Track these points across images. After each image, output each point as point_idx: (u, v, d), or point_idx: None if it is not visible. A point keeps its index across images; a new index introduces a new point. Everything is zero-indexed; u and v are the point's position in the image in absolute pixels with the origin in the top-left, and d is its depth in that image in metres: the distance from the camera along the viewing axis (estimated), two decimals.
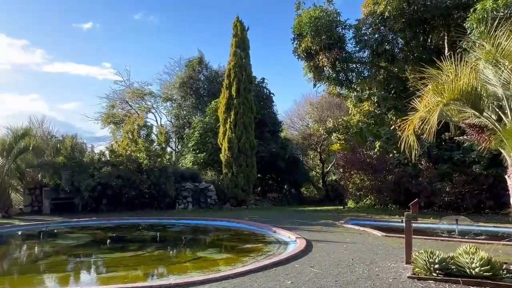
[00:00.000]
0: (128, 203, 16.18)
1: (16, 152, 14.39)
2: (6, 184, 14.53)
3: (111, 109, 28.95)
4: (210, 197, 17.84)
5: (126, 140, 17.28)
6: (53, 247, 9.52)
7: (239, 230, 11.60)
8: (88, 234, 11.27)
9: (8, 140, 14.77)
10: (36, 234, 11.10)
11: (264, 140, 21.72)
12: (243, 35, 19.18)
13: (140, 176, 16.26)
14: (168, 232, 11.73)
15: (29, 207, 15.66)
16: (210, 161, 21.15)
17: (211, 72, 28.66)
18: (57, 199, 15.58)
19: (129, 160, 16.51)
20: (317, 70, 17.80)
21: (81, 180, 15.04)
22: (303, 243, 8.18)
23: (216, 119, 20.94)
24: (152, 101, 30.16)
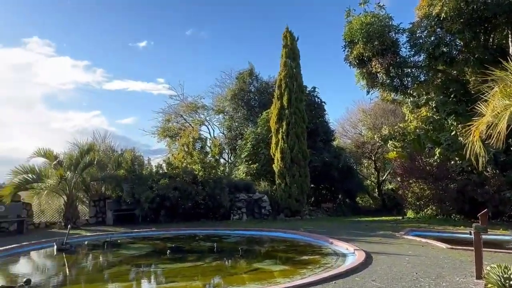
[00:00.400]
0: (184, 214, 16.62)
1: (82, 166, 15.32)
2: (74, 197, 15.47)
3: (166, 123, 30.08)
4: (264, 208, 17.87)
5: (182, 152, 17.82)
6: (117, 257, 9.94)
7: (294, 241, 11.49)
8: (148, 245, 11.67)
9: (75, 155, 15.76)
10: (101, 244, 11.67)
11: (316, 149, 21.48)
12: (293, 45, 19.22)
13: (196, 187, 16.65)
14: (225, 243, 11.87)
15: (94, 218, 16.54)
16: (262, 172, 21.23)
17: (261, 83, 28.94)
18: (119, 210, 16.33)
19: (185, 172, 16.99)
20: (370, 77, 17.37)
21: (141, 192, 15.66)
22: (362, 255, 7.93)
23: (267, 130, 21.05)
24: (205, 114, 30.99)
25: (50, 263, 9.83)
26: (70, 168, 15.33)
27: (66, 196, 15.19)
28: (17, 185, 14.05)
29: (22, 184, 14.29)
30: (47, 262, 10.02)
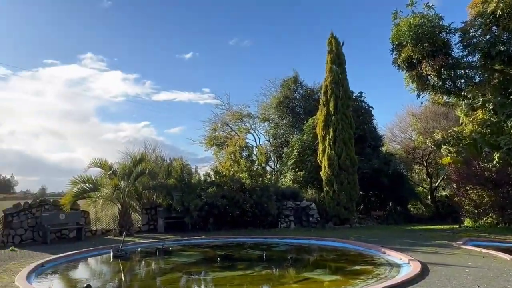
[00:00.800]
0: (232, 221, 16.78)
1: (135, 175, 15.92)
2: (127, 205, 16.08)
3: (213, 132, 30.67)
4: (312, 216, 17.64)
5: (229, 161, 18.05)
6: (169, 264, 10.19)
7: (345, 250, 11.23)
8: (199, 252, 11.86)
9: (128, 165, 16.42)
10: (153, 251, 12.02)
11: (365, 156, 20.96)
12: (338, 50, 18.97)
13: (243, 195, 16.78)
14: (273, 251, 11.82)
15: (146, 225, 17.07)
16: (309, 179, 21.01)
17: (306, 90, 28.78)
18: (169, 218, 16.75)
19: (232, 180, 17.17)
20: (420, 80, 16.71)
21: (190, 200, 15.99)
22: (417, 266, 7.61)
23: (314, 137, 20.84)
24: (250, 122, 31.27)
25: (107, 269, 10.26)
26: (123, 177, 15.98)
27: (120, 205, 15.83)
28: (75, 194, 14.83)
29: (80, 193, 15.06)
30: (104, 268, 10.48)
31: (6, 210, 13.58)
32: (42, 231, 13.80)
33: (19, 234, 13.59)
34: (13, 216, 13.58)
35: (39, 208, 14.30)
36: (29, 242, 13.63)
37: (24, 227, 13.77)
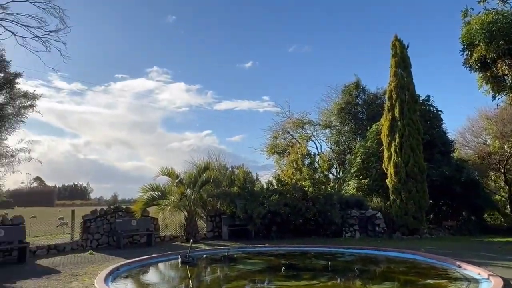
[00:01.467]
0: (295, 230, 16.67)
1: (200, 183, 16.43)
2: (193, 212, 16.61)
3: (274, 139, 30.78)
4: (378, 225, 17.01)
5: (291, 169, 18.00)
6: (234, 272, 10.33)
7: (415, 262, 10.68)
8: (263, 260, 11.90)
9: (193, 174, 16.99)
10: (218, 258, 12.27)
11: (434, 162, 19.86)
12: (402, 54, 18.26)
13: (306, 203, 16.63)
14: (338, 261, 11.55)
15: (211, 232, 17.50)
16: (374, 187, 20.33)
17: (368, 95, 28.01)
18: (233, 226, 17.04)
19: (294, 189, 17.10)
20: (496, 80, 15.57)
21: (253, 208, 16.16)
22: (499, 283, 7.04)
23: (378, 143, 20.17)
24: (311, 129, 30.99)
25: (175, 274, 10.62)
26: (189, 185, 16.55)
27: (186, 212, 16.39)
28: (145, 202, 15.60)
29: (150, 201, 15.83)
30: (173, 273, 10.85)
31: (85, 216, 14.62)
32: (116, 237, 14.66)
33: (96, 238, 14.56)
34: (91, 222, 14.59)
35: (113, 215, 15.23)
36: (105, 246, 14.55)
37: (100, 232, 14.73)
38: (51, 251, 13.10)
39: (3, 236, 11.37)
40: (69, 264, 10.75)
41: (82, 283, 8.21)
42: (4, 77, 9.90)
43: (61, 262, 11.23)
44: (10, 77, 10.00)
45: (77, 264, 10.73)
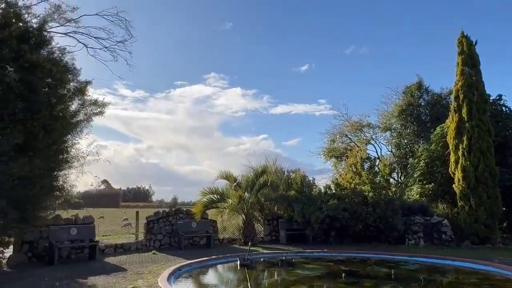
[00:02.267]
0: (354, 235, 16.20)
1: (257, 187, 16.53)
2: (251, 215, 16.73)
3: (331, 143, 30.19)
4: (444, 233, 16.03)
5: (350, 173, 17.55)
6: (292, 276, 10.21)
7: (488, 274, 9.91)
8: (322, 266, 11.67)
9: (250, 177, 17.12)
10: (276, 262, 12.22)
11: (507, 166, 18.37)
12: (470, 51, 17.14)
13: (366, 209, 16.10)
14: (402, 270, 11.02)
15: (268, 236, 17.51)
16: (439, 193, 19.22)
17: (432, 96, 26.58)
18: (290, 230, 16.91)
19: (353, 193, 16.64)
20: None
21: (311, 213, 15.93)
22: None
23: (443, 146, 19.07)
24: (370, 132, 29.98)
25: (234, 276, 10.72)
26: (247, 189, 16.70)
27: (244, 215, 16.55)
28: (205, 204, 15.98)
29: (209, 203, 16.19)
30: (231, 276, 10.97)
31: (149, 218, 15.27)
32: (177, 238, 15.13)
33: (159, 239, 15.13)
34: (154, 223, 15.19)
35: (174, 216, 15.75)
36: (167, 246, 15.07)
37: (162, 233, 15.29)
38: (118, 249, 13.81)
39: (75, 235, 12.15)
40: (134, 263, 11.25)
41: (146, 282, 8.53)
42: (76, 86, 10.58)
43: (127, 260, 11.79)
44: (81, 86, 10.66)
45: (142, 263, 11.20)
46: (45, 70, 8.67)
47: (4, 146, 7.17)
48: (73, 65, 10.36)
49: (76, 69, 10.27)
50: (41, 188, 8.29)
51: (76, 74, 10.44)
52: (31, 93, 8.02)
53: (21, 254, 11.51)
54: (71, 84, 10.24)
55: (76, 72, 10.36)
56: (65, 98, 9.81)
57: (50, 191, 9.51)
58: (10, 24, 8.08)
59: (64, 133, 9.85)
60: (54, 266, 10.74)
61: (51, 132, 8.74)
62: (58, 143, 9.12)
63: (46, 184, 8.65)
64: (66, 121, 10.01)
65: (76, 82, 10.61)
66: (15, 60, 7.88)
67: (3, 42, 7.57)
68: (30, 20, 9.09)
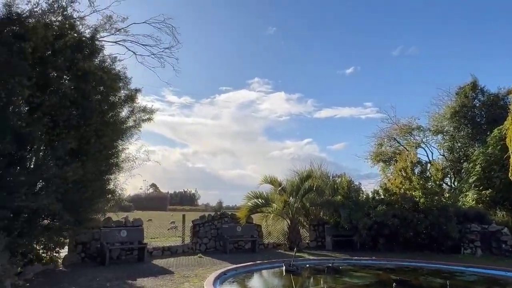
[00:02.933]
0: (405, 243, 15.54)
1: (302, 192, 16.30)
2: (296, 220, 16.51)
3: (379, 147, 29.23)
4: (504, 243, 14.94)
5: (399, 177, 16.84)
6: (340, 284, 9.91)
7: None
8: (370, 274, 11.24)
9: (295, 182, 16.92)
10: (322, 269, 11.94)
11: None
12: None
13: (417, 215, 15.39)
14: (458, 281, 10.37)
15: (314, 242, 17.19)
16: (498, 199, 18.02)
17: (488, 96, 25.05)
18: (337, 236, 16.50)
19: (403, 199, 15.97)
20: None
21: (358, 218, 15.46)
22: None
23: (501, 149, 17.87)
24: (421, 135, 28.70)
25: (279, 282, 10.57)
26: (291, 193, 16.51)
27: (289, 220, 16.35)
28: (250, 209, 15.97)
29: (254, 208, 16.15)
30: (276, 281, 10.81)
31: (195, 221, 15.48)
32: (223, 241, 15.21)
33: (204, 242, 15.29)
34: (200, 226, 15.38)
35: (219, 220, 15.87)
36: (212, 250, 15.20)
37: (208, 237, 15.44)
38: (165, 252, 14.10)
39: (125, 237, 12.54)
40: (181, 266, 11.41)
41: (192, 285, 8.60)
42: (126, 94, 10.92)
43: (174, 263, 11.98)
44: (131, 93, 11.00)
45: (188, 266, 11.33)
46: (97, 78, 9.02)
47: (60, 151, 7.51)
48: (124, 73, 10.74)
49: (126, 77, 10.62)
50: (93, 192, 8.61)
51: (126, 82, 10.80)
52: (84, 100, 8.37)
53: (75, 254, 12.04)
54: (122, 92, 10.59)
55: (127, 80, 10.71)
56: (116, 105, 10.17)
57: (101, 194, 9.87)
58: (65, 35, 8.49)
59: (114, 139, 10.19)
60: (105, 266, 11.12)
61: (102, 137, 9.07)
62: (108, 148, 9.45)
63: (97, 187, 8.98)
64: (116, 127, 10.35)
65: (126, 89, 10.98)
66: (69, 68, 8.27)
67: (59, 51, 7.97)
68: (83, 31, 9.52)
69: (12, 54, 6.54)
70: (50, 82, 7.68)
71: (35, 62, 7.30)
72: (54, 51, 7.94)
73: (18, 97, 6.67)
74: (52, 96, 7.48)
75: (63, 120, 7.98)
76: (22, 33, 7.29)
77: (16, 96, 6.59)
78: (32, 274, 9.34)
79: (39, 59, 7.45)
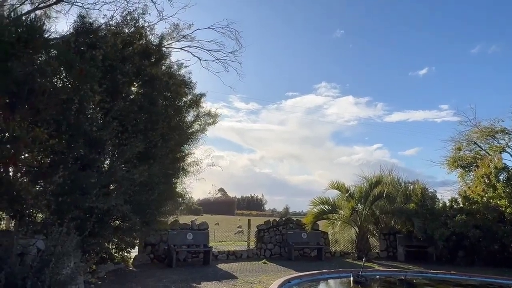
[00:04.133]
0: (489, 257, 14.10)
1: (371, 198, 15.45)
2: (365, 229, 15.71)
3: (457, 151, 27.07)
4: None
5: (481, 185, 15.34)
6: None
7: None
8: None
9: (364, 188, 16.13)
10: (394, 281, 11.16)
11: None
12: None
13: (503, 227, 13.88)
14: None
15: (384, 252, 16.24)
16: None
17: None
18: (410, 247, 15.43)
19: (486, 208, 14.51)
20: None
21: (434, 229, 14.31)
22: None
23: None
24: (505, 139, 26.09)
25: None
26: (360, 200, 15.75)
27: (357, 228, 15.60)
28: (315, 215, 15.49)
29: (320, 214, 15.64)
30: None
31: (259, 226, 15.35)
32: (288, 248, 14.90)
33: (269, 248, 15.10)
34: (264, 232, 15.21)
35: (284, 226, 15.59)
36: (277, 256, 14.95)
37: (272, 242, 15.22)
38: (230, 256, 14.11)
39: (191, 240, 12.72)
40: (245, 271, 11.29)
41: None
42: (192, 98, 11.11)
43: (238, 268, 11.90)
44: (196, 98, 11.16)
45: (252, 272, 11.17)
46: (163, 83, 9.26)
47: (128, 154, 7.76)
48: (189, 78, 10.96)
49: (191, 82, 10.82)
50: (159, 194, 8.80)
51: (191, 87, 10.99)
52: (151, 105, 8.60)
53: (144, 255, 12.45)
54: (188, 97, 10.80)
55: (192, 85, 10.90)
56: (181, 110, 10.38)
57: (168, 196, 10.08)
58: (134, 43, 8.82)
59: (180, 142, 10.39)
60: (172, 268, 11.33)
61: (168, 141, 9.26)
62: (174, 152, 9.65)
63: (164, 190, 9.17)
64: (182, 131, 10.55)
65: (192, 95, 11.18)
66: (137, 75, 8.56)
67: (127, 58, 8.27)
68: (151, 38, 9.84)
69: (85, 62, 6.85)
70: (119, 88, 7.97)
71: (105, 69, 7.62)
72: (123, 58, 8.25)
73: (90, 103, 6.97)
74: (120, 102, 7.76)
75: (132, 125, 8.24)
76: (94, 42, 7.67)
77: (87, 102, 6.90)
78: (104, 273, 9.76)
79: (109, 66, 7.77)
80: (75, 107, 6.72)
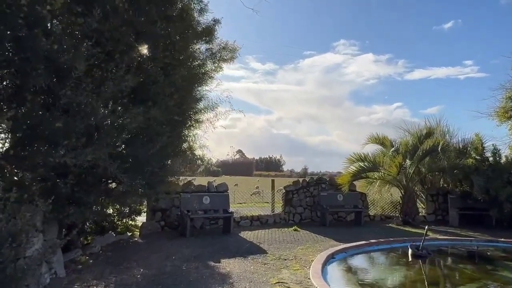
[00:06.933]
0: None
1: (421, 153, 12.91)
2: (411, 189, 13.34)
3: (508, 101, 23.97)
4: None
5: None
6: (500, 280, 6.86)
7: None
8: None
9: (410, 141, 13.62)
10: (461, 254, 8.93)
11: None
12: None
13: None
14: None
15: (431, 215, 13.92)
16: None
17: None
18: (464, 209, 13.02)
19: None
20: None
21: (498, 188, 11.83)
22: None
23: None
24: None
25: (412, 274, 7.61)
26: (406, 156, 13.29)
27: (403, 188, 13.23)
28: (353, 174, 13.12)
29: (358, 173, 13.24)
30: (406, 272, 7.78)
31: (287, 187, 13.12)
32: (321, 212, 12.72)
33: (298, 212, 12.96)
34: (293, 194, 13.01)
35: (316, 187, 13.35)
36: (308, 221, 12.82)
37: (302, 206, 13.06)
38: (254, 222, 12.03)
39: (208, 204, 10.61)
40: (275, 242, 9.16)
41: (294, 275, 6.22)
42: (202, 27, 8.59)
43: (265, 237, 9.79)
44: (210, 25, 8.66)
45: (283, 243, 9.03)
46: None
47: (112, 90, 5.42)
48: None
49: (202, 2, 8.26)
50: (162, 148, 6.53)
51: (204, 9, 8.47)
52: (144, 22, 6.14)
53: (153, 222, 10.44)
54: (197, 20, 8.30)
55: (203, 6, 8.37)
56: (189, 37, 7.87)
57: (173, 152, 7.82)
58: None
59: (190, 81, 7.99)
60: (186, 238, 9.28)
61: (172, 76, 6.87)
62: (181, 92, 7.25)
63: (168, 142, 6.89)
64: (191, 67, 8.16)
65: (203, 18, 8.68)
66: None
67: None
68: None
69: None
70: None
71: None
72: None
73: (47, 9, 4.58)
74: (97, 11, 5.27)
75: (114, 48, 5.79)
76: None
77: (43, 6, 4.52)
78: (99, 247, 7.74)
79: None
80: (25, 15, 4.37)
